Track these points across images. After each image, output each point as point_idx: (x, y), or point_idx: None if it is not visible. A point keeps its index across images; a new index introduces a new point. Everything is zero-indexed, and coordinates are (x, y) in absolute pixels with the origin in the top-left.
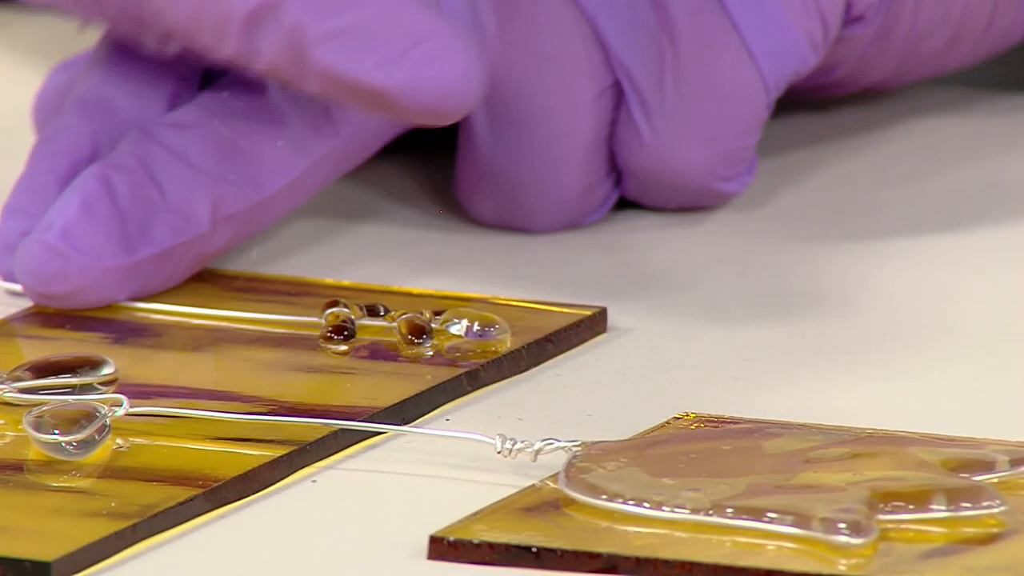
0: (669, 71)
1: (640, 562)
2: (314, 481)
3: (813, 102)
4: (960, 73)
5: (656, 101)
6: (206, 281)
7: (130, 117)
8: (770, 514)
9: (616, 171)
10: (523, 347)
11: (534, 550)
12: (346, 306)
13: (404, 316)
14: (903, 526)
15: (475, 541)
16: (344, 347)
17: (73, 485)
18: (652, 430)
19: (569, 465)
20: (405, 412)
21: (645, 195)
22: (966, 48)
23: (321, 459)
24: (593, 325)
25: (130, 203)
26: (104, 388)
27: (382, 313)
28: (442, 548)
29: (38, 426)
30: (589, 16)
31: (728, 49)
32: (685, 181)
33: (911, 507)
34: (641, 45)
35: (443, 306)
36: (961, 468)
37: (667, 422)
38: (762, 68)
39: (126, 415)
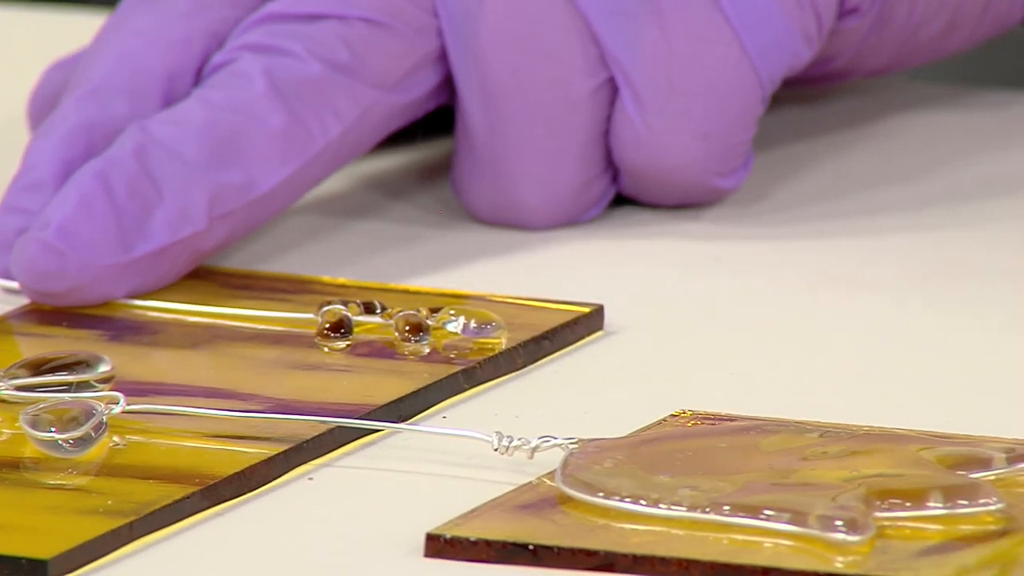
0: (663, 66)
1: (637, 559)
2: (311, 479)
3: (809, 94)
4: (956, 68)
5: (650, 96)
6: (203, 278)
7: (125, 114)
8: (767, 511)
9: (613, 167)
10: (520, 344)
11: (531, 548)
12: (343, 303)
13: (401, 313)
14: (900, 523)
15: (472, 538)
16: (341, 344)
17: (70, 483)
18: (649, 427)
19: (566, 462)
20: (402, 409)
21: (641, 191)
22: (964, 33)
23: (318, 457)
24: (590, 322)
25: (127, 200)
26: (101, 386)
27: (379, 310)
28: (439, 545)
29: (35, 424)
30: (583, 11)
31: (721, 44)
32: (680, 177)
33: (908, 504)
34: (635, 40)
35: (440, 303)
36: (958, 465)
37: (664, 419)
38: (756, 63)
39: (123, 412)
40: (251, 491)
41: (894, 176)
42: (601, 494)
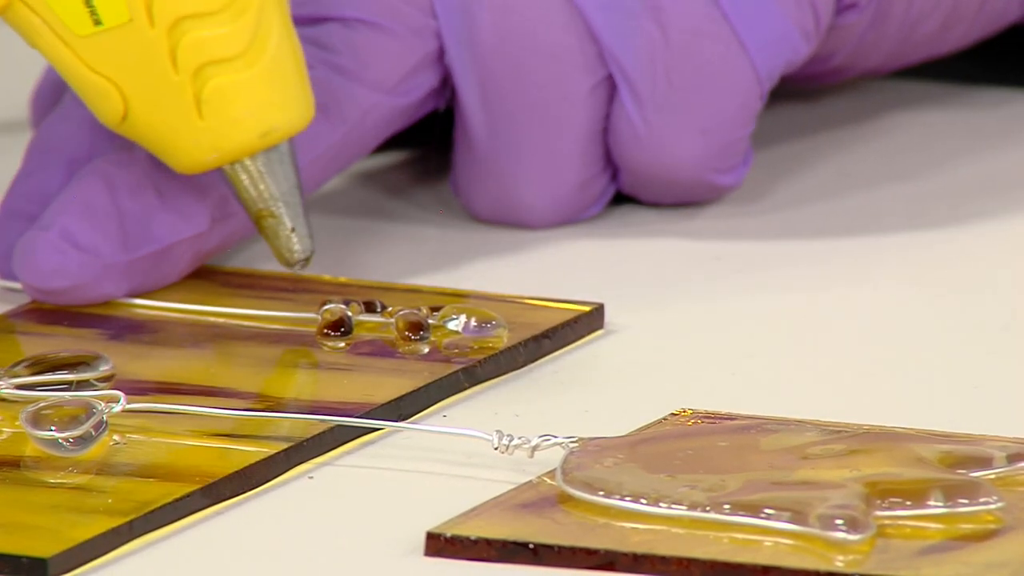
0: (661, 63)
1: (637, 558)
2: (311, 477)
3: (808, 92)
4: (956, 67)
5: (649, 93)
6: (203, 277)
7: None
8: (767, 510)
9: (612, 166)
10: (520, 343)
11: (531, 546)
12: (344, 302)
13: (401, 312)
14: (900, 522)
15: (472, 537)
16: (341, 343)
17: (70, 481)
18: (649, 426)
19: (566, 461)
20: (402, 408)
21: (641, 189)
22: (960, 30)
23: (318, 455)
24: (590, 321)
25: (130, 200)
26: (101, 384)
27: (379, 309)
28: (439, 544)
29: (35, 422)
30: (581, 9)
31: (719, 40)
32: (680, 174)
33: (908, 503)
34: (633, 37)
35: (441, 302)
36: (958, 464)
37: (664, 418)
38: (754, 58)
39: (123, 411)
40: (251, 490)
41: (894, 174)
42: (601, 493)
